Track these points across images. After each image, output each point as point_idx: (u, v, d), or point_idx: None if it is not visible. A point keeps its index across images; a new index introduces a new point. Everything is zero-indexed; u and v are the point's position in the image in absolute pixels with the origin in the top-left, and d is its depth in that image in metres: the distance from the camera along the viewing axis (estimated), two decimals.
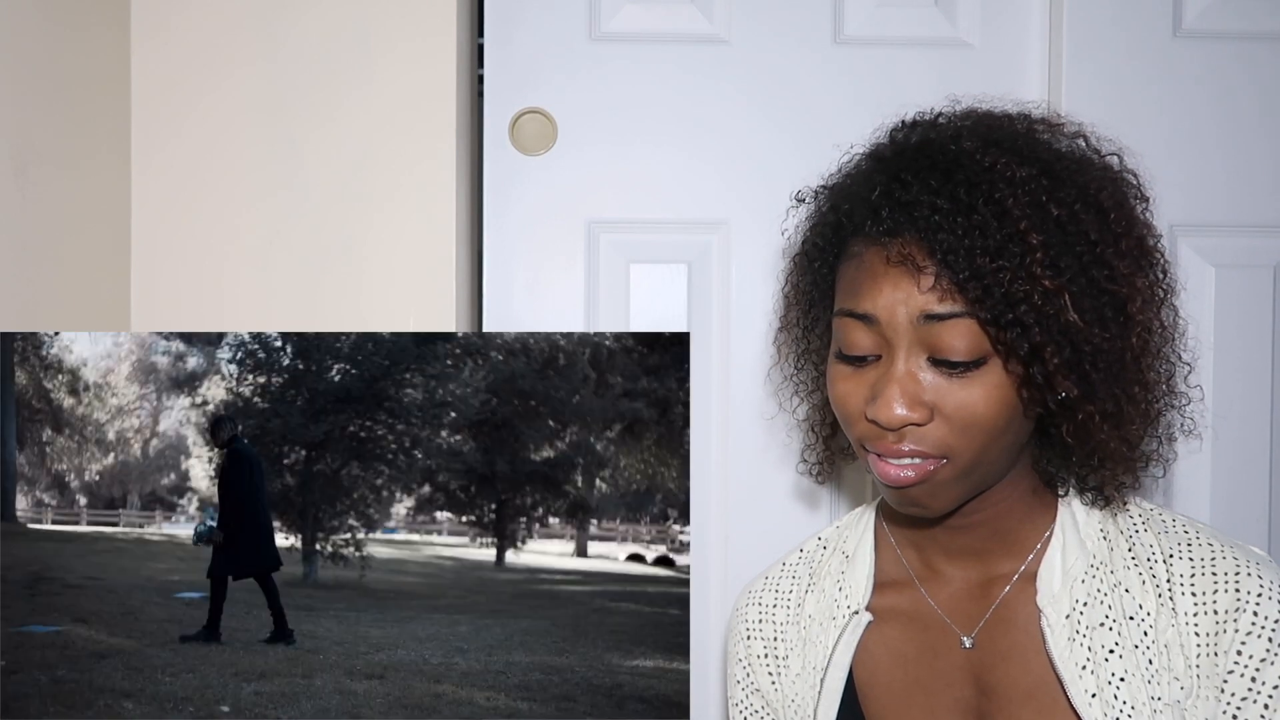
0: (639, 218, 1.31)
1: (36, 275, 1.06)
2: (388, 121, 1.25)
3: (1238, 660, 0.74)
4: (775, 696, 0.92)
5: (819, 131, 1.29)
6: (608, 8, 1.31)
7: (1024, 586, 0.82)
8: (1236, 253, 1.29)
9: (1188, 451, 1.23)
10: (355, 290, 1.26)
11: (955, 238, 0.69)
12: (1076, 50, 1.28)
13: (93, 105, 1.17)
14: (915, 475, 0.74)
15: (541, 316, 1.32)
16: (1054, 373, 0.70)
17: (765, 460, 1.31)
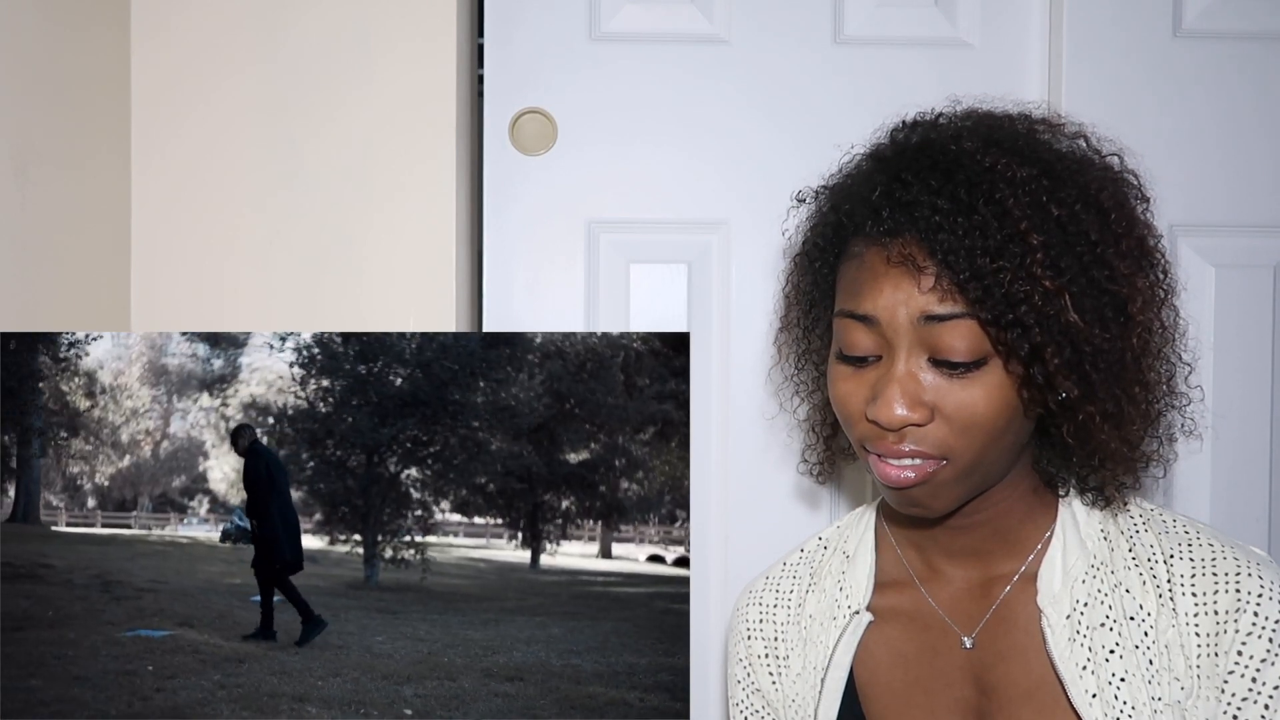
0: (639, 218, 1.31)
1: (36, 275, 1.06)
2: (388, 121, 1.25)
3: (1238, 661, 0.74)
4: (776, 696, 0.92)
5: (819, 131, 1.29)
6: (608, 8, 1.31)
7: (1024, 587, 0.82)
8: (1236, 253, 1.29)
9: (1188, 451, 1.23)
10: (355, 290, 1.26)
11: (956, 238, 0.69)
12: (1076, 50, 1.28)
13: (93, 105, 1.17)
14: (916, 476, 0.74)
15: (541, 316, 1.32)
16: (1054, 373, 0.70)
17: (765, 460, 1.31)
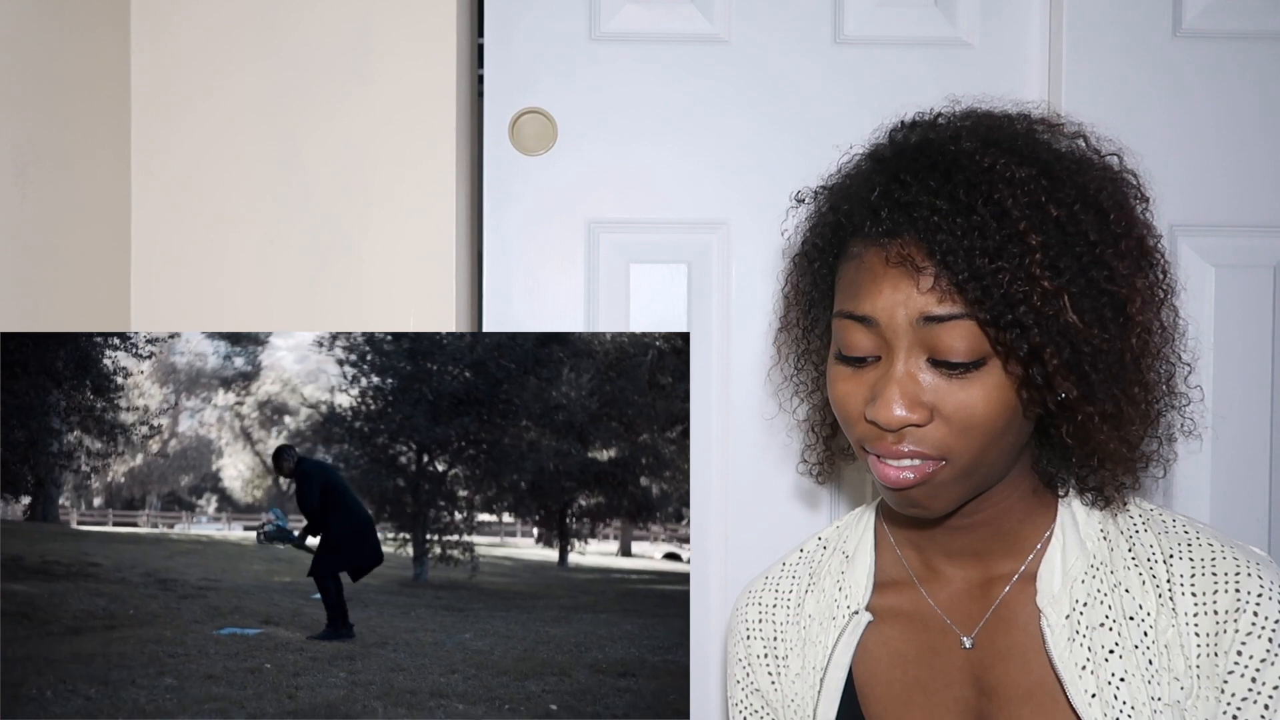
0: (639, 218, 1.31)
1: (36, 275, 1.06)
2: (388, 121, 1.25)
3: (1238, 661, 0.74)
4: (775, 696, 0.92)
5: (819, 131, 1.29)
6: (608, 8, 1.31)
7: (1024, 587, 0.82)
8: (1236, 253, 1.29)
9: (1188, 452, 1.23)
10: (355, 290, 1.26)
11: (954, 238, 0.69)
12: (1076, 50, 1.28)
13: (93, 105, 1.17)
14: (915, 477, 0.74)
15: (541, 316, 1.32)
16: (1053, 374, 0.69)
17: (765, 460, 1.31)
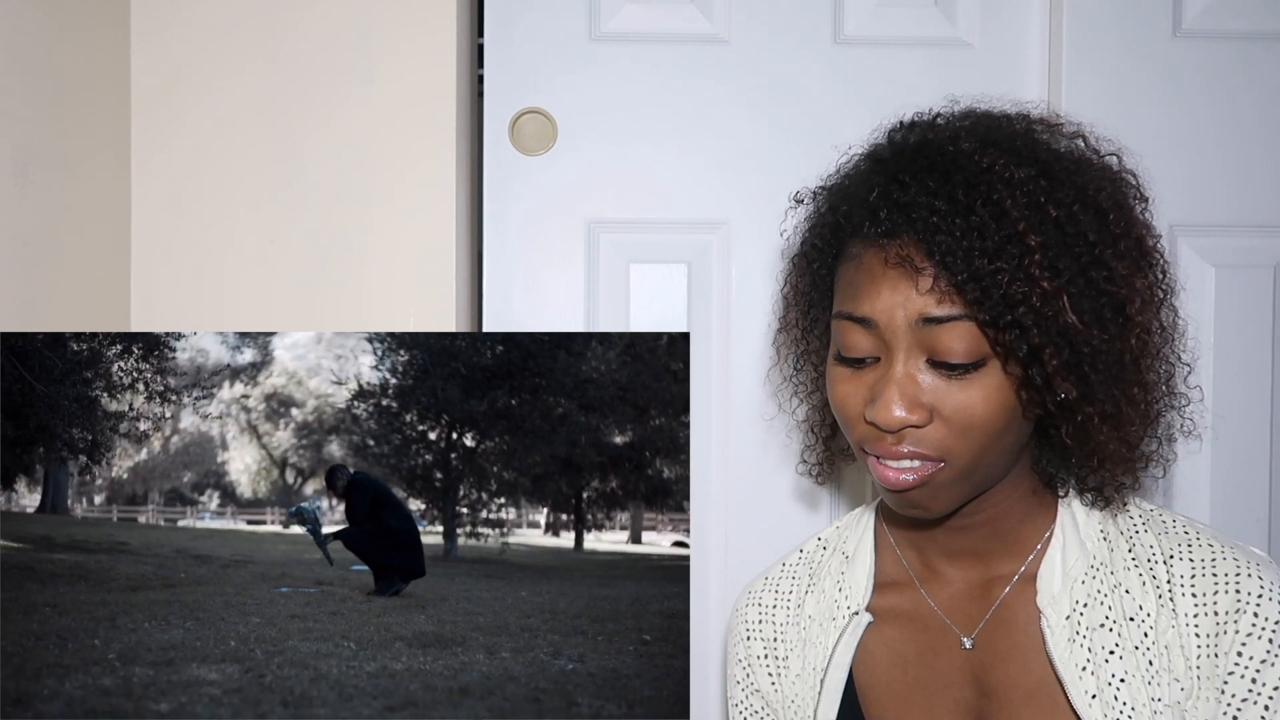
0: (639, 218, 1.31)
1: (36, 275, 1.06)
2: (388, 121, 1.25)
3: (1238, 661, 0.74)
4: (775, 697, 0.92)
5: (819, 132, 1.29)
6: (608, 8, 1.31)
7: (1024, 587, 0.82)
8: (1236, 253, 1.29)
9: (1188, 452, 1.23)
10: (355, 290, 1.26)
11: (953, 239, 0.69)
12: (1076, 50, 1.28)
13: (93, 105, 1.17)
14: (915, 478, 0.74)
15: (541, 316, 1.32)
16: (1053, 374, 0.69)
17: (765, 461, 1.31)
